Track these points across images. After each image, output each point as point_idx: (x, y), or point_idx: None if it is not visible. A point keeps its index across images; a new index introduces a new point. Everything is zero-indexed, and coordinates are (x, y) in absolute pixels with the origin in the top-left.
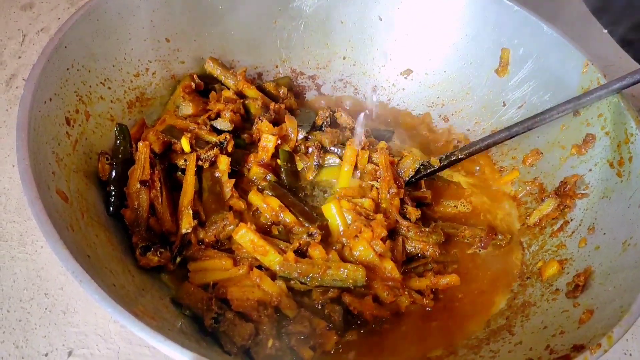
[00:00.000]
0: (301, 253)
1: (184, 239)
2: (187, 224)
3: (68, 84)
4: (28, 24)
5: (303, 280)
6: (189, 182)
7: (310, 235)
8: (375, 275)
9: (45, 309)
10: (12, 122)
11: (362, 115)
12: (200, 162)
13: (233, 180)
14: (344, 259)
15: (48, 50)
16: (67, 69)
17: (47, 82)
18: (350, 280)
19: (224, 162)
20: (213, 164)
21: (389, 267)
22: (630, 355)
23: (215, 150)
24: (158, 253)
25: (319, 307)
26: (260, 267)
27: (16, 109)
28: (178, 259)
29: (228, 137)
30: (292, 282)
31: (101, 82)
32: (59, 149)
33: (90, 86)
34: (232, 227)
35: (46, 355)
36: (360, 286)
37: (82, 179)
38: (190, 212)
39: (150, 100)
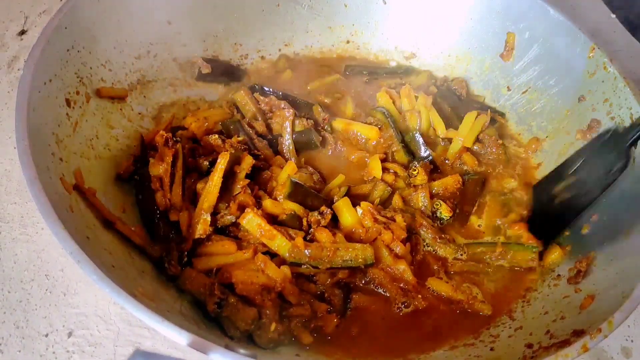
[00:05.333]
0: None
1: (195, 242)
2: (202, 230)
3: (68, 65)
4: (30, 6)
5: (314, 264)
6: (215, 183)
7: (321, 213)
8: (388, 275)
9: (46, 290)
10: (14, 105)
11: None
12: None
13: (247, 181)
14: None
15: (48, 31)
16: (68, 50)
17: (47, 63)
18: (360, 259)
19: (247, 161)
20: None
21: (401, 269)
22: (632, 341)
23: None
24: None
25: (320, 293)
26: (267, 253)
27: None
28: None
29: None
30: (303, 266)
31: (102, 64)
32: (59, 131)
33: (90, 68)
34: (230, 216)
35: (46, 335)
36: (370, 264)
37: (82, 161)
38: (209, 218)
39: (152, 83)
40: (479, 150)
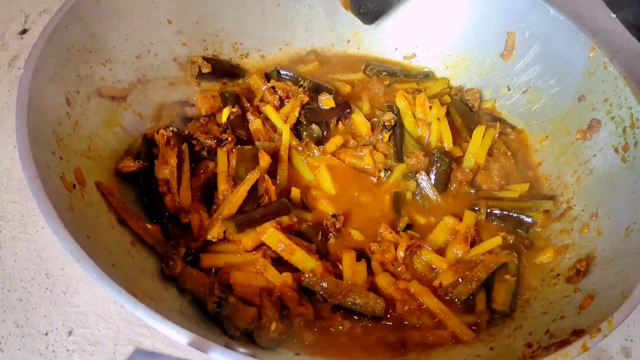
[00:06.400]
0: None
1: (206, 242)
2: (215, 234)
3: (69, 64)
4: (31, 5)
5: (324, 296)
6: (240, 195)
7: (334, 216)
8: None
9: (46, 288)
10: (15, 103)
11: None
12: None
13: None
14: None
15: (48, 30)
16: (68, 49)
17: (47, 62)
18: (369, 309)
19: (266, 160)
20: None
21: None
22: (632, 341)
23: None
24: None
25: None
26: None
27: None
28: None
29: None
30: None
31: (102, 63)
32: (60, 129)
33: (91, 67)
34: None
35: (46, 334)
36: (377, 317)
37: (82, 160)
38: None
39: (152, 82)
40: (490, 164)
